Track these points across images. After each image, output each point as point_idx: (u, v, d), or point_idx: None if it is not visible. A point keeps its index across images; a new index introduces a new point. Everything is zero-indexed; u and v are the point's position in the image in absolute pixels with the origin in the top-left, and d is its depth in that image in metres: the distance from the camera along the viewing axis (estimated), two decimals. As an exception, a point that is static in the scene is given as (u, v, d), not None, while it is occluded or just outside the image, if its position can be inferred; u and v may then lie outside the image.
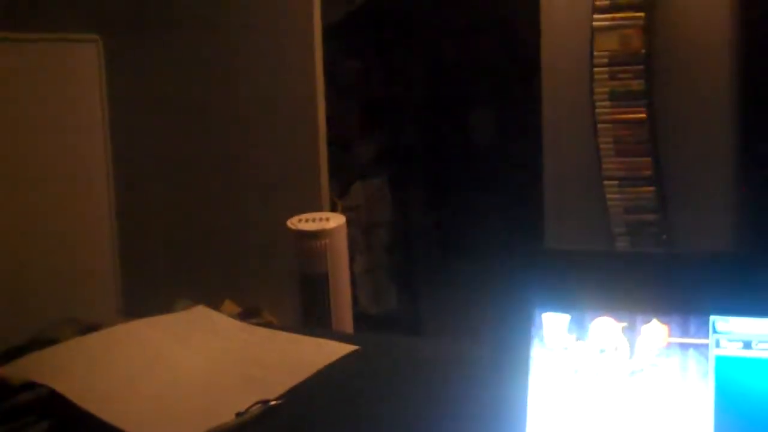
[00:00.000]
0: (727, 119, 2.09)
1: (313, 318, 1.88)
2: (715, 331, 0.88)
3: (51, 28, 2.33)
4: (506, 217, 2.85)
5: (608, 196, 2.15)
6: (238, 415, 1.22)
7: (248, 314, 1.78)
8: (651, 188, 2.12)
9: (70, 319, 1.58)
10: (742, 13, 2.07)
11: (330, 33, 2.45)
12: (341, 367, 1.41)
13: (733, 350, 0.88)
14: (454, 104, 3.11)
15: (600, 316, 0.88)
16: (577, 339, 0.89)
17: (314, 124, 2.38)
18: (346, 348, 1.46)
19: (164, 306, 1.67)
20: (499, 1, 2.84)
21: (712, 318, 0.88)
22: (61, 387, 1.23)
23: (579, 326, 0.89)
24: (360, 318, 2.10)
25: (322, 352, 1.45)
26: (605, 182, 2.15)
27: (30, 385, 1.25)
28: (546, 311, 0.89)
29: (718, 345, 0.88)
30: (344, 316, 1.93)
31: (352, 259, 2.09)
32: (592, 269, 0.89)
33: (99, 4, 2.45)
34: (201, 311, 1.59)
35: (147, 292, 2.43)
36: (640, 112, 2.09)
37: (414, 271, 3.12)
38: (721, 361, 0.88)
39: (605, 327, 0.88)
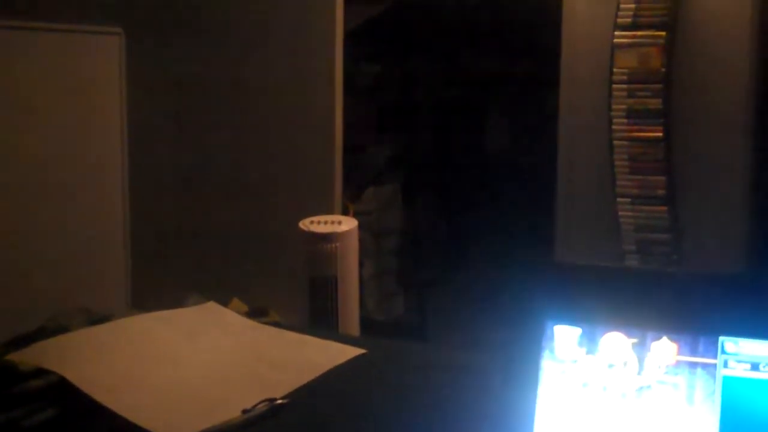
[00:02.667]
0: (743, 142, 2.09)
1: (320, 320, 1.88)
2: (723, 352, 0.88)
3: (74, 19, 2.35)
4: (517, 229, 2.85)
5: (620, 213, 2.15)
6: (244, 411, 1.22)
7: (255, 313, 1.78)
8: (664, 208, 2.12)
9: (81, 308, 1.59)
10: (763, 36, 2.07)
11: (350, 38, 2.46)
12: (348, 369, 1.42)
13: (741, 371, 0.88)
14: (470, 113, 3.11)
15: (611, 331, 0.89)
16: (587, 353, 0.90)
17: (331, 127, 2.39)
18: (354, 351, 1.46)
19: (173, 302, 1.67)
20: (520, 11, 2.84)
21: (721, 339, 0.88)
22: (70, 375, 1.24)
23: (590, 340, 0.90)
24: (366, 323, 2.11)
25: (330, 353, 1.46)
26: (618, 199, 2.15)
27: (40, 372, 1.26)
28: (558, 324, 0.90)
29: (726, 365, 0.88)
30: (351, 320, 1.93)
31: (360, 264, 2.10)
32: (605, 284, 0.90)
33: (123, -2, 2.47)
34: (212, 307, 1.60)
35: (156, 287, 2.43)
36: (657, 131, 2.09)
37: (422, 278, 3.12)
38: (728, 381, 0.88)
39: (615, 342, 0.89)
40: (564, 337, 0.90)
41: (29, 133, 2.24)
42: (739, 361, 0.88)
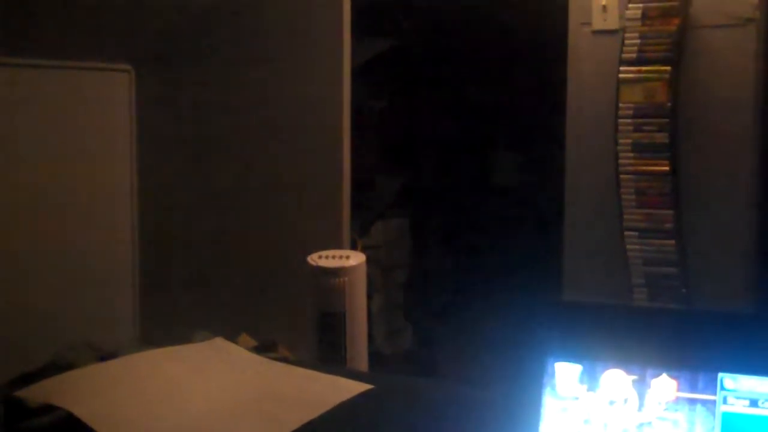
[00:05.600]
0: (749, 175, 2.10)
1: (328, 355, 1.88)
2: (722, 388, 0.89)
3: (84, 57, 2.37)
4: (525, 263, 2.85)
5: (628, 247, 2.15)
6: (250, 448, 1.23)
7: (264, 348, 1.79)
8: (671, 241, 2.12)
9: (88, 343, 1.60)
10: (767, 70, 2.09)
11: (356, 72, 2.47)
12: (355, 405, 1.42)
13: (740, 407, 0.89)
14: (476, 147, 3.12)
15: (611, 368, 0.90)
16: (588, 390, 0.90)
17: (339, 161, 2.40)
18: (361, 386, 1.47)
19: (181, 336, 1.68)
20: (526, 46, 2.86)
21: (720, 375, 0.89)
22: (78, 411, 1.25)
23: (590, 377, 0.90)
24: (373, 356, 2.11)
25: (337, 389, 1.46)
26: (626, 233, 2.15)
27: (48, 408, 1.27)
28: (559, 361, 0.90)
29: (725, 402, 0.89)
30: (360, 354, 1.93)
31: (368, 298, 2.10)
32: (605, 322, 0.91)
33: (133, 36, 2.49)
34: (219, 343, 1.61)
35: (164, 321, 2.44)
36: (664, 165, 2.10)
37: (430, 313, 3.12)
38: (727, 417, 0.89)
39: (616, 379, 0.89)
40: (565, 374, 0.90)
41: (38, 169, 2.26)
42: (739, 398, 0.89)
